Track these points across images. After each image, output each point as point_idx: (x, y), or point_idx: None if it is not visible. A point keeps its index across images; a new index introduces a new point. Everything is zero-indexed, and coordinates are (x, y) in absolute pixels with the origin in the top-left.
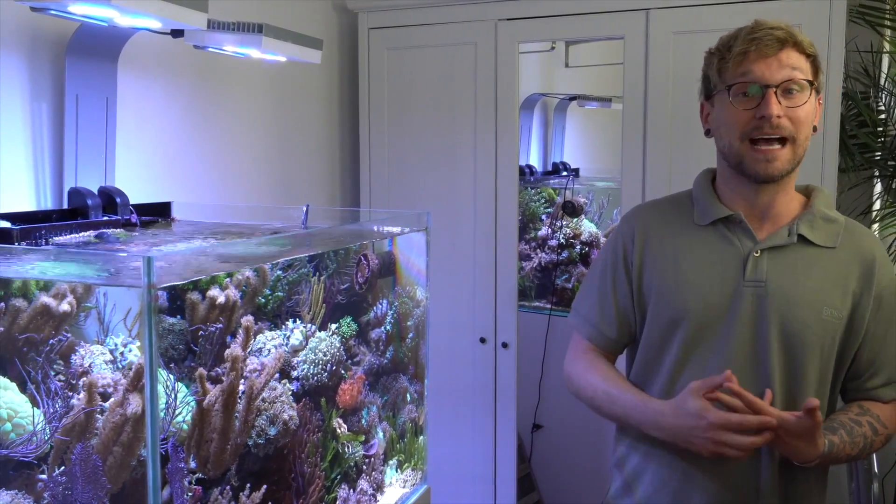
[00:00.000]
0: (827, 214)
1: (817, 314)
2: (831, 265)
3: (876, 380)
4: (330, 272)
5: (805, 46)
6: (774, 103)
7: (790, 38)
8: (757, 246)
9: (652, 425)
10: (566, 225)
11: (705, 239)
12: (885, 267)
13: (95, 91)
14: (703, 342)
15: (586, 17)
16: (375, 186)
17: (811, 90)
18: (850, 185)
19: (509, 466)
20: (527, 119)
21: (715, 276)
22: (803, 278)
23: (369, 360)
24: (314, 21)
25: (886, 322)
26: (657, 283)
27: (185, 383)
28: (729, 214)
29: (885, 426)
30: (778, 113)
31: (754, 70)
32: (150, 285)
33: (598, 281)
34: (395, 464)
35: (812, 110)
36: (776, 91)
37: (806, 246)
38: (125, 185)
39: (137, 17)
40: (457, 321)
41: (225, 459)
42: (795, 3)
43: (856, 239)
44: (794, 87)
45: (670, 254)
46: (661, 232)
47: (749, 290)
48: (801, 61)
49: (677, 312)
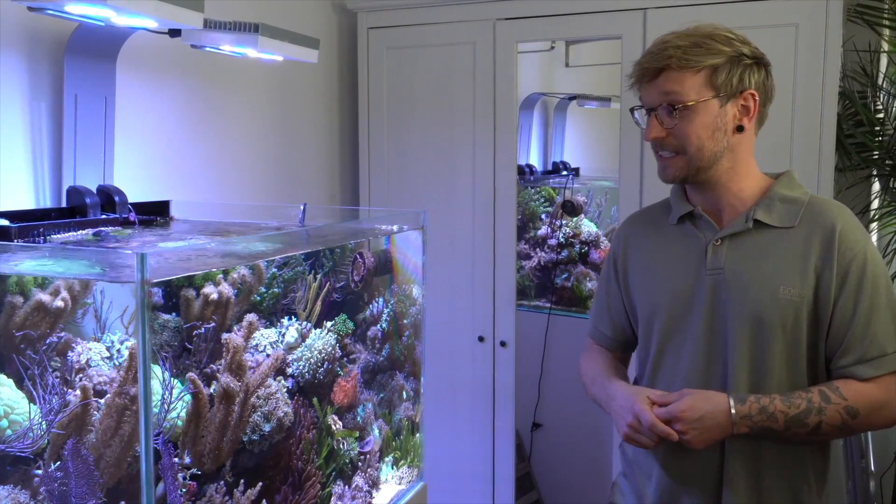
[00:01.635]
0: (785, 195)
1: (773, 294)
2: (790, 244)
3: (847, 357)
4: (326, 270)
5: (692, 62)
6: (652, 126)
7: (670, 61)
8: (717, 235)
9: (605, 405)
10: (566, 224)
11: (675, 236)
12: (849, 240)
13: (94, 90)
14: (676, 333)
15: (584, 17)
16: (375, 185)
17: (699, 105)
18: (847, 184)
19: (507, 464)
20: (527, 118)
21: (681, 269)
22: (760, 261)
23: (365, 357)
24: (314, 20)
25: (854, 296)
26: (637, 283)
27: (180, 379)
28: (690, 210)
29: (845, 398)
30: (655, 135)
31: (641, 94)
32: (144, 281)
33: (599, 288)
34: (391, 461)
35: (706, 121)
36: (656, 113)
37: (764, 229)
38: (124, 183)
39: (134, 17)
40: (455, 320)
41: (220, 455)
42: (792, 3)
43: (817, 214)
44: (675, 108)
45: (646, 254)
46: (641, 236)
47: (709, 278)
48: (686, 79)
49: (652, 307)
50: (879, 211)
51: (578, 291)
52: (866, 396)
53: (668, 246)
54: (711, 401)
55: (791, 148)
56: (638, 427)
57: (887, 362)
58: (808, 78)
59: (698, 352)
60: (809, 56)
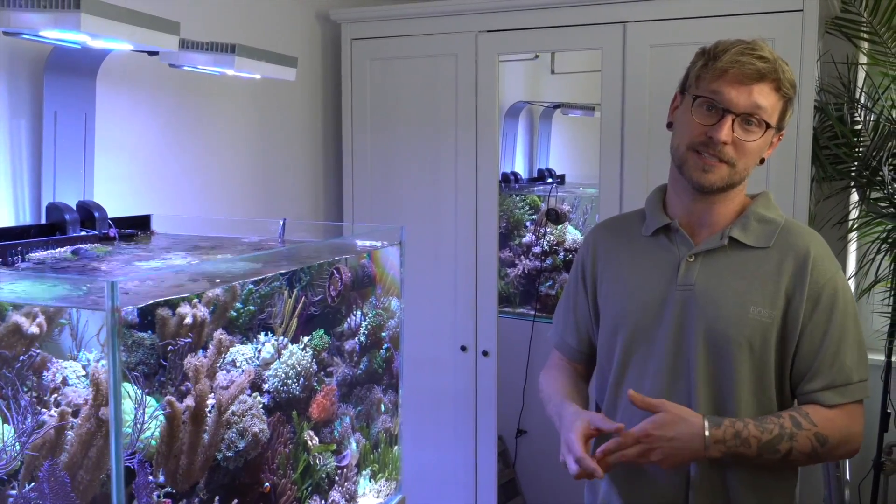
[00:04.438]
0: (763, 216)
1: (743, 313)
2: (763, 265)
3: (814, 383)
4: (303, 284)
5: (784, 85)
6: (727, 130)
7: (771, 74)
8: (691, 251)
9: (557, 427)
10: (550, 232)
11: (648, 248)
12: (822, 265)
13: (74, 107)
14: (640, 347)
15: (565, 30)
16: (358, 196)
17: (768, 129)
18: (825, 195)
19: (490, 471)
20: (512, 126)
21: (652, 283)
22: (731, 279)
23: (343, 371)
24: (297, 31)
25: (824, 322)
26: (605, 292)
27: (155, 397)
28: (668, 223)
29: (814, 424)
30: (726, 140)
31: (724, 92)
32: (115, 309)
33: (565, 296)
34: (368, 474)
35: (762, 146)
36: (735, 119)
37: (738, 248)
38: (105, 199)
39: (109, 42)
40: (438, 329)
41: (194, 473)
42: (769, 17)
43: (792, 237)
44: (752, 121)
45: (617, 265)
46: (613, 245)
47: (679, 294)
48: (773, 99)
49: (617, 318)
50: (857, 221)
51: None
52: (834, 424)
53: (640, 257)
54: (686, 422)
55: (768, 161)
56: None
57: (853, 391)
58: None
59: (663, 367)
60: None
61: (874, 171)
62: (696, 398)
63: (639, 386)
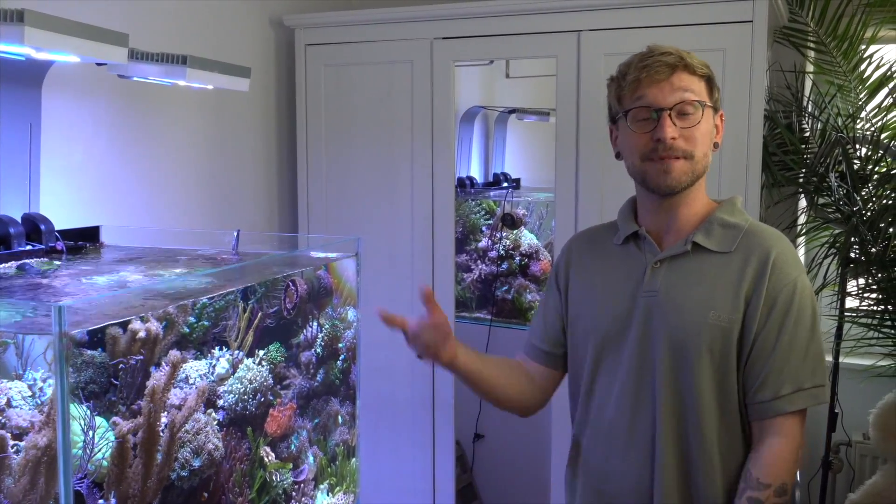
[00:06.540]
0: (726, 220)
1: (703, 319)
2: (725, 269)
3: (763, 392)
4: (258, 297)
5: (696, 68)
6: (668, 126)
7: (680, 63)
8: (657, 257)
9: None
10: (506, 237)
11: (619, 257)
12: (781, 269)
13: (18, 117)
14: (610, 353)
15: (519, 38)
16: (314, 203)
17: (706, 109)
18: (774, 201)
19: (448, 477)
20: (467, 131)
21: (620, 290)
22: (693, 284)
23: (299, 384)
24: (250, 37)
25: (778, 327)
26: (576, 299)
27: (105, 418)
28: (635, 230)
29: (767, 484)
30: (672, 135)
31: (647, 95)
32: (62, 334)
33: (540, 303)
34: (326, 488)
35: (709, 128)
36: (670, 113)
37: (702, 253)
38: (52, 211)
39: (54, 54)
40: (394, 337)
41: (148, 494)
42: (719, 27)
43: (754, 241)
44: (687, 109)
45: (589, 273)
46: (586, 255)
47: (643, 300)
48: (694, 82)
49: (587, 326)
50: (806, 226)
51: (518, 303)
52: (781, 464)
53: (610, 266)
54: None
55: (720, 169)
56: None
57: (802, 397)
58: (735, 101)
59: (630, 374)
60: (737, 80)
61: (821, 178)
62: (660, 405)
63: (608, 393)
